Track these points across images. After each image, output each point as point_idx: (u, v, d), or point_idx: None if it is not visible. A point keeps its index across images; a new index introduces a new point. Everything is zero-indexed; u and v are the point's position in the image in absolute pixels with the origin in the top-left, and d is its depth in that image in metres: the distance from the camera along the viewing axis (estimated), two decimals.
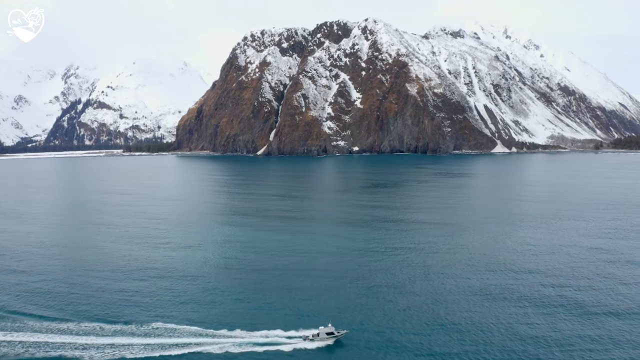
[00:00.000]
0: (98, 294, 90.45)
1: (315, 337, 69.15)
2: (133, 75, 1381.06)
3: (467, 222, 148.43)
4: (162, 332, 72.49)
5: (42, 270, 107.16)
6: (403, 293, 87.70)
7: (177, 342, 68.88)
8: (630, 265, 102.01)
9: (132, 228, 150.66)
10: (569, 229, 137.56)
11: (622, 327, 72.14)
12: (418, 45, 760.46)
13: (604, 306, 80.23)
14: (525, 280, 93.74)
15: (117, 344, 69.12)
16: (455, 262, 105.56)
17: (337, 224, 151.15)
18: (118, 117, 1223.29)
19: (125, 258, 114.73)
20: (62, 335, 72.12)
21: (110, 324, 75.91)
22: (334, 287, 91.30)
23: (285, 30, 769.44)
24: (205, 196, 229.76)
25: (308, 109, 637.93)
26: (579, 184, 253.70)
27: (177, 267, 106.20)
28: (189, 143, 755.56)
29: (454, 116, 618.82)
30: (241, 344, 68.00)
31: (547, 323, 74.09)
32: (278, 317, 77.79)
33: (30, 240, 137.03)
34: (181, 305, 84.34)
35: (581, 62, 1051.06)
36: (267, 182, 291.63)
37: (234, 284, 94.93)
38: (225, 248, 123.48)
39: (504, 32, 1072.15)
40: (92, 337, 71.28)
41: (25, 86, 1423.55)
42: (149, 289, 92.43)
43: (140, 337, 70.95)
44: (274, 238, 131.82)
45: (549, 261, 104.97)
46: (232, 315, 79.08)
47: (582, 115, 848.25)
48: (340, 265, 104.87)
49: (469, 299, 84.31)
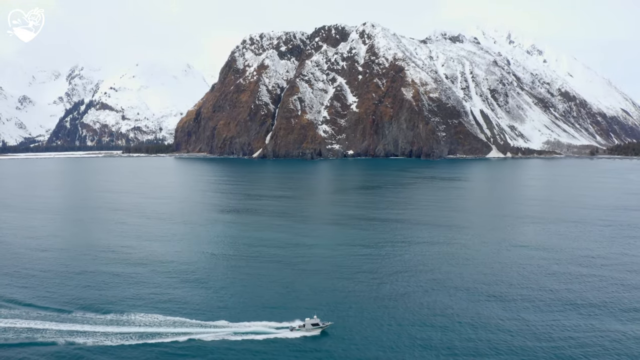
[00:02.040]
0: (92, 285, 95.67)
1: (301, 327, 72.77)
2: (136, 76, 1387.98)
3: (443, 220, 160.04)
4: (161, 322, 76.50)
5: (41, 264, 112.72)
6: (385, 288, 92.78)
7: (167, 332, 72.98)
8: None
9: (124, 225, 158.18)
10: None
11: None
12: (416, 49, 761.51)
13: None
14: (492, 271, 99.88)
15: (108, 332, 73.21)
16: (434, 257, 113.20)
17: (323, 222, 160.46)
18: (120, 118, 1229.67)
19: (117, 252, 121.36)
20: (57, 323, 76.50)
21: (102, 313, 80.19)
22: (320, 281, 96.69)
23: (284, 34, 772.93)
24: (189, 195, 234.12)
25: (304, 112, 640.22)
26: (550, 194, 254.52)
27: (168, 261, 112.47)
28: (187, 145, 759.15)
29: (449, 121, 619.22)
30: (230, 334, 71.76)
31: (512, 312, 78.35)
32: (266, 308, 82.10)
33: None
34: (171, 296, 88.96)
35: (584, 68, 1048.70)
36: (251, 184, 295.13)
37: (223, 277, 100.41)
38: (215, 243, 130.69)
39: (508, 37, 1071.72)
40: (87, 325, 75.46)
41: (30, 86, 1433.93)
42: (139, 280, 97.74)
43: (129, 326, 75.04)
44: (262, 234, 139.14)
45: (484, 253, 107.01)
46: (221, 306, 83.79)
47: (582, 121, 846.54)
48: (326, 260, 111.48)
49: (449, 292, 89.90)
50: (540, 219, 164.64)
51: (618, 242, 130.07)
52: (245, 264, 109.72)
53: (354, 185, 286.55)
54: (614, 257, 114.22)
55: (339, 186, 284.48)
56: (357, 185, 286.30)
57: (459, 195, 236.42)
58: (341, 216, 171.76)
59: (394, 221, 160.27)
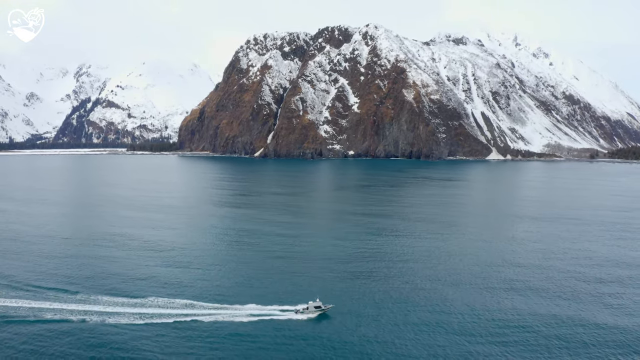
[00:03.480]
0: (106, 270, 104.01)
1: (305, 310, 79.89)
2: (143, 75, 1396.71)
3: (434, 217, 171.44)
4: (173, 304, 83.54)
5: (56, 251, 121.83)
6: (382, 275, 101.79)
7: (178, 312, 79.99)
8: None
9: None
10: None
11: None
12: (418, 51, 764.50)
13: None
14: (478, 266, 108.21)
15: (124, 312, 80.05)
16: (424, 249, 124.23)
17: (322, 217, 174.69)
18: (126, 116, 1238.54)
19: (132, 241, 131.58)
20: (74, 304, 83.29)
21: (116, 296, 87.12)
22: (321, 268, 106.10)
23: (288, 35, 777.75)
24: (191, 192, 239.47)
25: (305, 112, 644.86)
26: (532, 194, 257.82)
27: (179, 249, 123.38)
28: (190, 143, 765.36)
29: (450, 122, 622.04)
30: (238, 315, 78.70)
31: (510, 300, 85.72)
32: (273, 292, 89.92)
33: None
34: (182, 281, 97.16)
35: (590, 71, 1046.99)
36: (250, 182, 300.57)
37: (230, 264, 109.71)
38: (222, 234, 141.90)
39: (514, 40, 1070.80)
40: (98, 305, 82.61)
41: (38, 83, 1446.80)
42: (151, 266, 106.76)
43: (140, 307, 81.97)
44: (266, 227, 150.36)
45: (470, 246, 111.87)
46: (229, 291, 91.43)
47: (585, 124, 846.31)
48: (326, 250, 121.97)
49: (440, 281, 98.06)
50: (511, 217, 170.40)
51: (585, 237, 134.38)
52: (251, 253, 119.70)
53: (345, 184, 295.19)
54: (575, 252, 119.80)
55: (337, 184, 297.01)
56: (350, 184, 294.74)
57: (447, 194, 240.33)
58: (339, 212, 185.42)
59: (387, 217, 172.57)
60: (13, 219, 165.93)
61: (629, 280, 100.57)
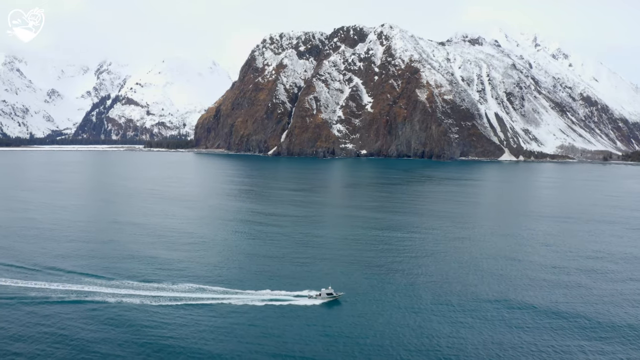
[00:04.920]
0: (136, 258, 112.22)
1: (318, 296, 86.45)
2: (162, 73, 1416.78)
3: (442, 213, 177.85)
4: (194, 289, 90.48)
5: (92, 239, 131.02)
6: (390, 266, 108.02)
7: (200, 296, 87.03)
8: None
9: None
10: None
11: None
12: (433, 51, 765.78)
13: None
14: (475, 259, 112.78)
15: (145, 295, 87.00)
16: (432, 241, 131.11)
17: (333, 213, 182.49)
18: (145, 113, 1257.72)
19: (152, 230, 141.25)
20: (111, 288, 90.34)
21: (147, 282, 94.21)
22: (333, 258, 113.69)
23: (303, 34, 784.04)
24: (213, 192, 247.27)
25: (319, 111, 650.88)
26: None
27: (200, 237, 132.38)
28: (206, 141, 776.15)
29: (463, 123, 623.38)
30: (256, 300, 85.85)
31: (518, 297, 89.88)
32: (289, 280, 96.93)
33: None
34: (203, 268, 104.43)
35: (610, 73, 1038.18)
36: (261, 179, 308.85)
37: (248, 253, 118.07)
38: (241, 227, 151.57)
39: (534, 40, 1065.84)
40: (129, 289, 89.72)
41: (59, 80, 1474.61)
42: (179, 256, 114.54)
43: (166, 291, 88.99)
44: (284, 220, 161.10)
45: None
46: (247, 277, 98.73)
47: (602, 126, 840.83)
48: (337, 241, 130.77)
49: (452, 276, 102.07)
50: (520, 215, 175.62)
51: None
52: (269, 243, 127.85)
53: (357, 181, 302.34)
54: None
55: (348, 182, 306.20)
56: (362, 182, 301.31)
57: (442, 192, 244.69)
58: (351, 207, 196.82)
59: (396, 212, 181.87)
60: (35, 208, 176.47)
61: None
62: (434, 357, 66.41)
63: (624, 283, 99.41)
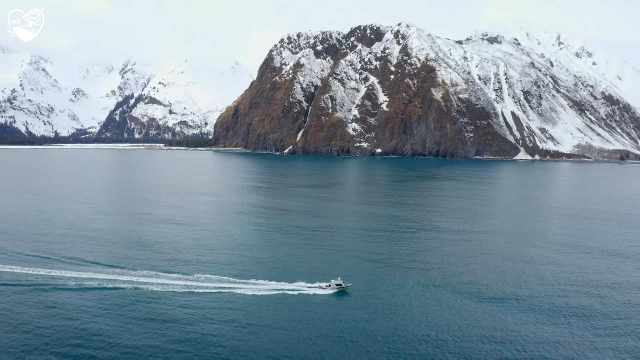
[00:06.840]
0: (157, 249, 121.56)
1: (328, 287, 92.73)
2: (185, 72, 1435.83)
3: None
4: (210, 279, 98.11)
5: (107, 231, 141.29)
6: (396, 259, 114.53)
7: (215, 286, 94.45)
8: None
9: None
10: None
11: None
12: (450, 50, 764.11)
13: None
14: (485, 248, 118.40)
15: (170, 284, 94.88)
16: (449, 243, 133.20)
17: (351, 206, 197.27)
18: (167, 112, 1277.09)
19: (174, 224, 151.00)
20: (127, 276, 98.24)
21: (166, 273, 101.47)
22: (343, 252, 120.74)
23: (321, 34, 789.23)
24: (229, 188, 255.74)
25: (335, 110, 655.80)
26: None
27: (217, 231, 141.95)
28: (225, 140, 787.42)
29: (478, 122, 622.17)
30: (269, 290, 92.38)
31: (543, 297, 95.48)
32: (301, 271, 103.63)
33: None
34: (219, 259, 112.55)
35: (635, 72, 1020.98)
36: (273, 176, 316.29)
37: (261, 247, 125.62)
38: (258, 218, 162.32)
39: (557, 39, 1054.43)
40: (147, 277, 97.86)
41: (84, 80, 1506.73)
42: (191, 245, 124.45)
43: (181, 281, 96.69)
44: (297, 215, 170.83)
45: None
46: (261, 269, 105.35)
47: (624, 125, 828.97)
48: (346, 236, 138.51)
49: (461, 275, 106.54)
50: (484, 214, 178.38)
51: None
52: (282, 237, 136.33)
53: (372, 180, 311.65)
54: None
55: (363, 180, 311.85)
56: (377, 180, 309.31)
57: (440, 189, 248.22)
58: (363, 203, 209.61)
59: (406, 208, 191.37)
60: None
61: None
62: (438, 346, 70.80)
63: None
